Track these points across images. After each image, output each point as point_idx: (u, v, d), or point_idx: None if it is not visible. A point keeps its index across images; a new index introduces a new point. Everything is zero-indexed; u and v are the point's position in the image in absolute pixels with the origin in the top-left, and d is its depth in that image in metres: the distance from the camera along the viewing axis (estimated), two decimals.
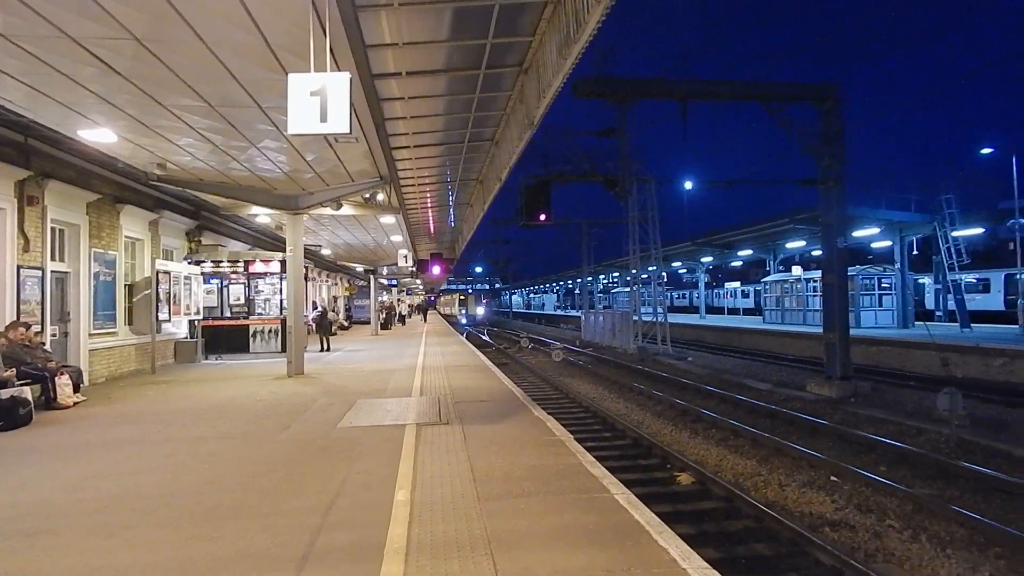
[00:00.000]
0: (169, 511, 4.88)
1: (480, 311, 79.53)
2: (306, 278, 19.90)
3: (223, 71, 7.46)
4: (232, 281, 19.15)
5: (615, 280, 72.64)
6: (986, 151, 27.29)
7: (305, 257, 18.18)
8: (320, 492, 5.25)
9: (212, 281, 18.89)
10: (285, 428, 8.00)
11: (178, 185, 13.17)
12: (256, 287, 19.26)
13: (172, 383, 12.86)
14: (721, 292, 58.51)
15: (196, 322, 17.71)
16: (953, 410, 11.42)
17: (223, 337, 18.35)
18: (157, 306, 14.78)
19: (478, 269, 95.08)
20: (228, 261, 18.96)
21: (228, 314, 18.98)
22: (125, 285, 14.51)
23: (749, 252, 38.90)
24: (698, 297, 49.76)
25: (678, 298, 66.87)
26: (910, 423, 11.44)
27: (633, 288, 30.61)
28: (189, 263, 17.72)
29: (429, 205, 21.53)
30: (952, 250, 24.51)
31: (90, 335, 12.69)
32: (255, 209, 16.07)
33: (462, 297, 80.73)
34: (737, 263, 49.10)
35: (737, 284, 56.46)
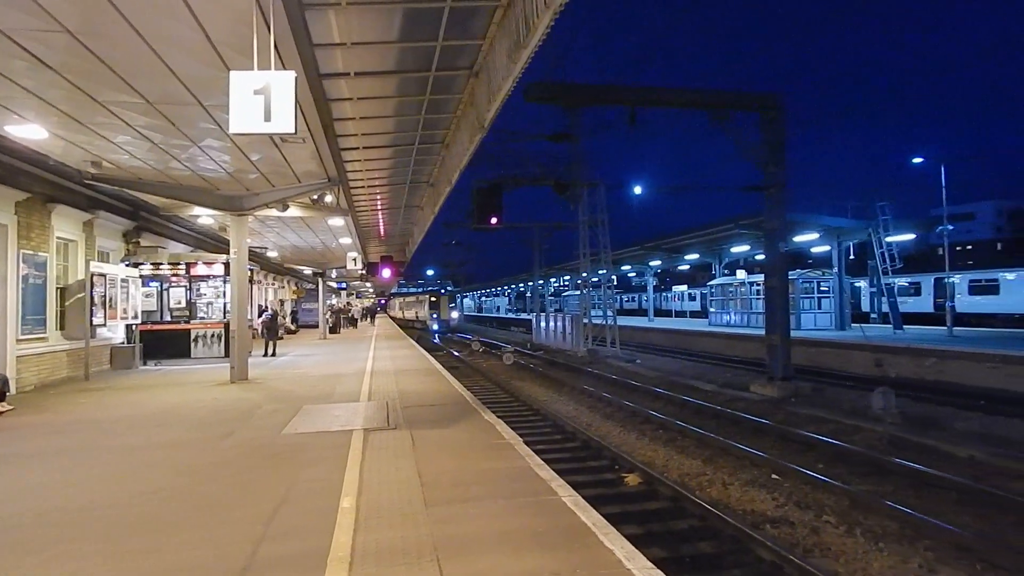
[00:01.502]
0: (102, 524, 4.67)
1: (455, 315, 62.02)
2: (251, 281, 19.37)
3: (162, 67, 7.23)
4: (173, 284, 18.51)
5: (566, 283, 73.15)
6: (917, 160, 28.61)
7: (250, 259, 17.74)
8: (263, 501, 5.12)
9: (151, 284, 18.21)
10: (228, 435, 7.77)
11: (114, 184, 12.68)
12: (198, 290, 18.66)
13: (108, 390, 12.33)
14: (669, 295, 59.68)
15: (134, 327, 17.05)
16: (887, 408, 11.94)
17: (163, 342, 17.71)
18: (92, 310, 14.16)
19: (429, 272, 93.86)
20: (168, 263, 18.32)
21: (168, 318, 18.34)
22: (57, 288, 13.85)
23: (696, 256, 39.77)
24: (647, 300, 50.60)
25: (627, 301, 67.86)
26: (847, 422, 11.88)
27: (583, 291, 30.93)
28: (127, 265, 17.06)
29: (379, 207, 21.28)
30: (886, 255, 25.63)
31: (18, 340, 12.05)
32: (197, 210, 15.60)
33: (432, 298, 56.64)
34: (685, 267, 50.07)
35: (684, 287, 57.67)
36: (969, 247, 69.33)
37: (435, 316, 54.89)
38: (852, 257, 29.24)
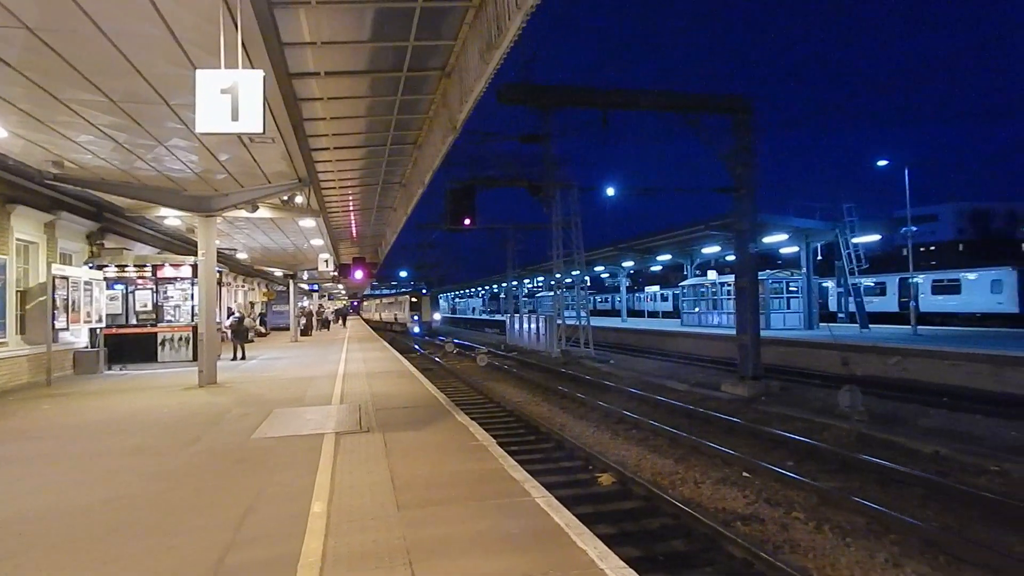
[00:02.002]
0: (64, 534, 4.54)
1: (437, 317, 56.70)
2: (220, 283, 19.07)
3: (126, 65, 7.07)
4: (139, 287, 18.14)
5: (540, 284, 73.22)
6: (882, 163, 29.24)
7: (219, 261, 17.45)
8: (232, 507, 5.02)
9: (116, 287, 17.82)
10: (195, 441, 7.62)
11: (77, 185, 12.37)
12: (165, 293, 18.31)
13: (71, 396, 12.02)
14: (642, 296, 60.13)
15: (98, 330, 16.65)
16: (853, 406, 12.17)
17: (128, 346, 17.33)
18: (53, 314, 13.78)
19: (403, 273, 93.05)
20: (134, 265, 17.93)
21: (134, 321, 17.96)
22: (17, 292, 13.47)
23: (668, 257, 40.12)
24: (620, 301, 50.92)
25: (601, 302, 68.20)
26: (816, 419, 12.07)
27: (556, 292, 31.01)
28: (90, 267, 16.65)
29: (351, 208, 21.09)
30: (852, 256, 26.13)
31: None
32: (164, 211, 15.30)
33: (413, 299, 52.37)
34: (657, 268, 50.48)
35: (657, 288, 58.11)
36: (932, 248, 71.23)
37: (416, 318, 51.17)
38: (820, 258, 29.72)
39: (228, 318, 22.78)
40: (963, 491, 7.78)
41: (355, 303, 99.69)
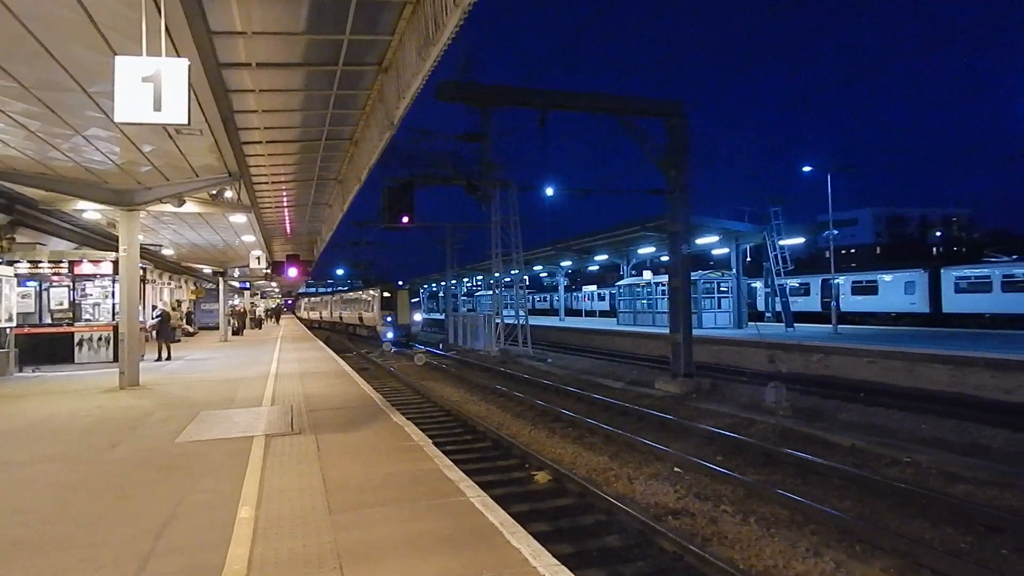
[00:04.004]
0: None
1: (418, 317, 42.53)
2: (144, 280, 18.23)
3: (39, 49, 6.66)
4: (54, 284, 17.16)
5: (479, 283, 73.20)
6: (806, 169, 30.52)
7: (143, 258, 16.68)
8: (152, 515, 4.80)
9: (29, 284, 16.81)
10: (114, 446, 7.26)
11: None
12: (83, 290, 17.38)
13: None
14: (580, 295, 60.95)
15: (8, 330, 15.63)
16: (779, 402, 12.67)
17: (42, 346, 16.38)
18: None
19: (339, 271, 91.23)
20: (49, 261, 16.98)
21: (49, 320, 16.96)
22: None
23: (605, 257, 40.79)
24: (558, 300, 51.46)
25: (540, 301, 68.73)
26: (744, 415, 12.51)
27: (496, 291, 31.07)
28: (0, 263, 15.63)
29: (285, 204, 20.52)
30: (779, 257, 27.18)
31: None
32: (82, 204, 14.46)
33: (386, 293, 38.21)
34: (595, 267, 51.30)
35: (594, 288, 59.04)
36: (853, 251, 74.97)
37: (389, 319, 37.75)
38: (749, 259, 30.82)
39: (153, 317, 21.81)
40: (877, 481, 8.22)
41: (290, 301, 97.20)
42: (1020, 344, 17.20)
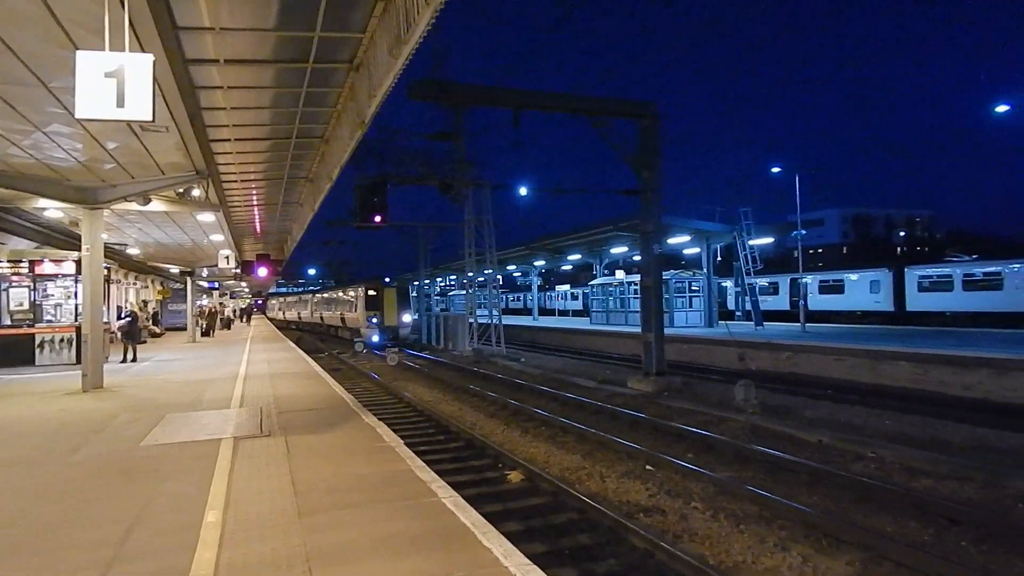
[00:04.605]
0: None
1: (407, 319, 36.09)
2: (108, 280, 17.81)
3: None
4: (13, 284, 16.69)
5: (452, 283, 72.89)
6: (775, 170, 31.04)
7: (108, 257, 16.31)
8: (117, 520, 4.70)
9: None
10: (76, 450, 7.08)
11: None
12: (44, 290, 16.93)
13: None
14: (553, 295, 61.13)
15: None
16: (748, 400, 12.85)
17: (1, 348, 15.91)
18: None
19: (311, 271, 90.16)
20: (8, 261, 16.52)
21: (7, 322, 16.49)
22: None
23: (578, 257, 40.96)
24: (532, 300, 51.55)
25: (513, 300, 68.79)
26: (714, 413, 12.66)
27: (469, 291, 31.00)
28: None
29: (255, 203, 20.23)
30: (749, 257, 27.59)
31: None
32: (43, 202, 14.07)
33: (371, 291, 34.36)
34: (568, 267, 51.55)
35: (568, 287, 59.27)
36: (820, 250, 76.43)
37: (375, 320, 33.91)
38: (720, 259, 31.24)
39: (119, 319, 21.33)
40: (843, 477, 8.38)
41: (259, 301, 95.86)
42: (979, 341, 17.70)
